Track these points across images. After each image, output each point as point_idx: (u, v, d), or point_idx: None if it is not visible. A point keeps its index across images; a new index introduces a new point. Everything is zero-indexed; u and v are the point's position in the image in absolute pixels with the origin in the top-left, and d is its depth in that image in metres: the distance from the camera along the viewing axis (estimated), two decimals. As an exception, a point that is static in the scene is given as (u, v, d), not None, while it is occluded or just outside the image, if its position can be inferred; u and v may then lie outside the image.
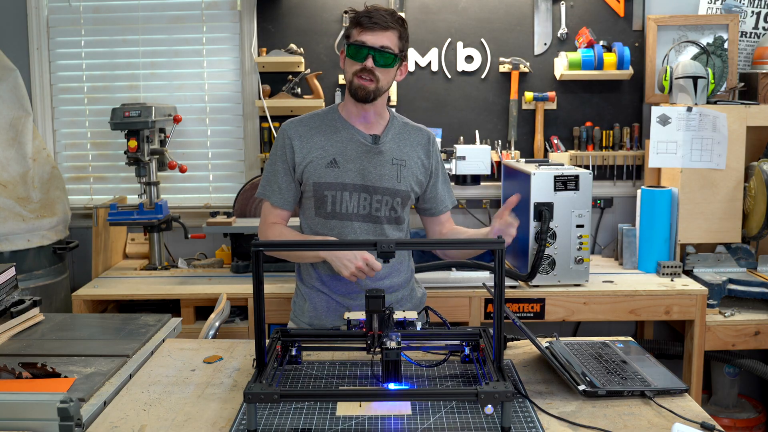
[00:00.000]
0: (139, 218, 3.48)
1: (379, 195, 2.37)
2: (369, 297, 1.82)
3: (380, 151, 2.38)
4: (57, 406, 1.48)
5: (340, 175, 2.35)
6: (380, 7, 2.29)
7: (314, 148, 2.37)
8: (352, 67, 2.30)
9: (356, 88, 2.30)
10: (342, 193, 2.36)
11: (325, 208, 2.37)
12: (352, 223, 2.38)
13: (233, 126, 3.86)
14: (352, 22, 2.31)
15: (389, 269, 2.43)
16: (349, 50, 2.28)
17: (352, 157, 2.36)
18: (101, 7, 3.80)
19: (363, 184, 2.36)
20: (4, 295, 2.24)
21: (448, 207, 2.55)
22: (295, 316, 2.55)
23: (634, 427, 1.65)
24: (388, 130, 2.42)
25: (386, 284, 2.42)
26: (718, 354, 3.38)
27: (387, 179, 2.37)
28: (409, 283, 2.55)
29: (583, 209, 3.10)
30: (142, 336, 2.19)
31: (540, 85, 3.76)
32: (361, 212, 2.38)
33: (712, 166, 3.33)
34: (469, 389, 1.63)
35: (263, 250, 1.71)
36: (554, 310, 3.15)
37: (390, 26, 2.27)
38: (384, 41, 2.26)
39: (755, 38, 3.71)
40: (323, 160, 2.36)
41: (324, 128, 2.40)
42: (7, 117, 3.54)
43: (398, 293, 2.48)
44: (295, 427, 1.62)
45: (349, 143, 2.37)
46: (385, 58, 2.27)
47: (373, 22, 2.25)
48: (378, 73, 2.28)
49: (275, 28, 3.73)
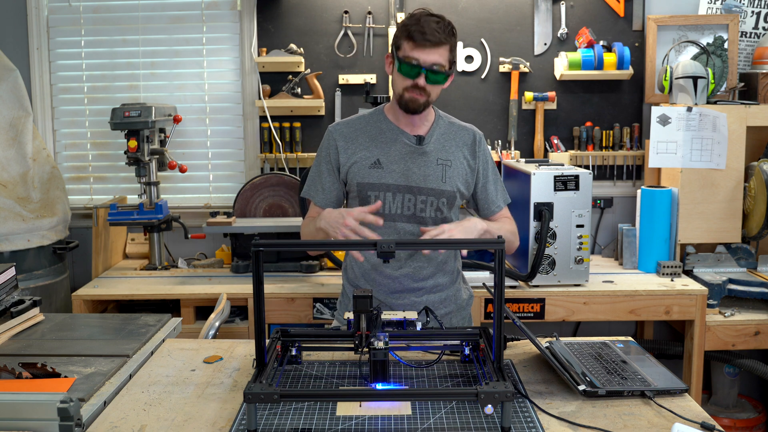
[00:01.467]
0: (139, 218, 3.48)
1: (424, 195, 2.36)
2: (356, 297, 1.83)
3: (425, 152, 2.37)
4: (57, 406, 1.48)
5: (383, 176, 2.35)
6: (431, 18, 2.23)
7: (359, 149, 2.38)
8: (404, 81, 2.27)
9: (407, 101, 2.29)
10: (385, 193, 2.35)
11: None
12: (395, 224, 2.37)
13: (233, 126, 3.87)
14: (403, 33, 2.25)
15: (434, 269, 2.43)
16: (401, 66, 2.25)
17: (396, 158, 2.36)
18: (101, 7, 3.80)
19: (407, 184, 2.35)
20: (4, 295, 2.24)
21: (500, 206, 2.50)
22: (338, 314, 2.57)
23: (634, 427, 1.65)
24: (433, 131, 2.41)
25: (430, 284, 2.42)
26: (718, 354, 3.38)
27: (432, 180, 2.36)
28: (455, 283, 2.53)
29: (583, 209, 3.10)
30: (142, 336, 2.19)
31: (540, 85, 3.76)
32: (406, 213, 2.37)
33: (712, 166, 3.33)
34: (469, 389, 1.63)
35: (263, 249, 1.71)
36: (554, 310, 3.15)
37: (442, 41, 2.23)
38: (436, 58, 2.23)
39: (755, 38, 3.71)
40: (367, 161, 2.36)
41: (369, 129, 2.41)
42: (7, 117, 3.54)
43: (443, 293, 2.47)
44: (295, 427, 1.62)
45: (394, 144, 2.37)
46: (438, 76, 2.26)
47: (425, 39, 2.20)
48: (429, 89, 2.27)
49: (275, 28, 3.74)
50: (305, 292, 3.17)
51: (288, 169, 3.75)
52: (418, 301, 2.41)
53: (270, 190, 3.62)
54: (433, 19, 2.24)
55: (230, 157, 3.90)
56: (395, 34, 2.31)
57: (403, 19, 2.33)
